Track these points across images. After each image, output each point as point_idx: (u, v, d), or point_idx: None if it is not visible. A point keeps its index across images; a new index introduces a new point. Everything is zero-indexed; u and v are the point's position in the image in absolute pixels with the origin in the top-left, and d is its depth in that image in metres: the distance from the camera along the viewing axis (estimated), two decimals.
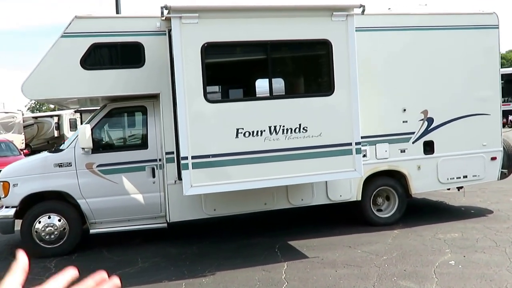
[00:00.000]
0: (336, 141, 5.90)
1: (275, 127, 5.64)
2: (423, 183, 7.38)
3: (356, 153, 5.97)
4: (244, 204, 6.60)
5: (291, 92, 5.98)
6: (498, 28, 7.38)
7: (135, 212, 6.47)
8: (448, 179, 7.46)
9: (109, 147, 6.59)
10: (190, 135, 5.36)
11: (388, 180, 7.35)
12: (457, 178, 7.51)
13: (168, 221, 6.41)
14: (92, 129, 6.36)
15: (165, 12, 5.21)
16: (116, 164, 6.40)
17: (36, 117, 26.91)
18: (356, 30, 6.68)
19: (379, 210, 7.44)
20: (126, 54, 6.11)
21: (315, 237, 6.66)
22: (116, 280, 0.85)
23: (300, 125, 5.73)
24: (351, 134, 5.93)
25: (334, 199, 7.00)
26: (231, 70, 6.15)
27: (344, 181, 6.91)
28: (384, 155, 7.13)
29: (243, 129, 5.53)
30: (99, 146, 6.47)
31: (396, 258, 5.55)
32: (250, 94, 5.84)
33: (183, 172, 5.39)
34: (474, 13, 7.40)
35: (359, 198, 7.10)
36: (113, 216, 6.44)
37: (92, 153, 6.31)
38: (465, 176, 7.54)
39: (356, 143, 5.97)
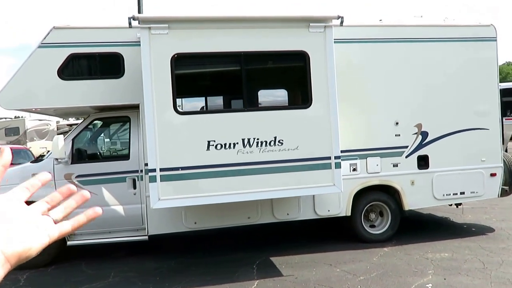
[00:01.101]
0: (314, 155, 5.67)
1: (248, 139, 5.47)
2: (417, 199, 7.03)
3: (335, 168, 5.72)
4: (226, 217, 6.43)
5: (266, 104, 5.81)
6: (496, 40, 7.03)
7: (116, 224, 6.39)
8: (444, 195, 7.08)
9: (90, 158, 6.55)
10: (158, 147, 5.26)
11: (380, 195, 7.04)
12: (453, 194, 7.13)
13: (147, 233, 6.31)
14: (73, 139, 6.38)
15: (133, 22, 5.14)
16: (96, 175, 6.35)
17: (70, 125, 27.53)
18: (346, 42, 6.56)
19: (372, 226, 7.13)
20: (105, 65, 6.08)
21: (300, 253, 6.42)
22: (86, 193, 0.84)
23: (275, 138, 5.54)
24: (330, 147, 5.68)
25: (322, 214, 6.73)
26: (203, 82, 6.03)
27: (332, 195, 6.65)
28: (375, 169, 6.83)
29: (214, 141, 5.39)
30: (80, 157, 6.45)
31: (372, 279, 5.25)
32: (223, 106, 5.70)
33: (151, 185, 5.28)
34: (471, 25, 7.07)
35: (349, 214, 6.82)
36: (92, 227, 6.37)
37: (72, 163, 6.30)
38: (462, 193, 7.14)
39: (336, 157, 5.72)
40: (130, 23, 5.14)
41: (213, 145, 5.39)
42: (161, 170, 5.30)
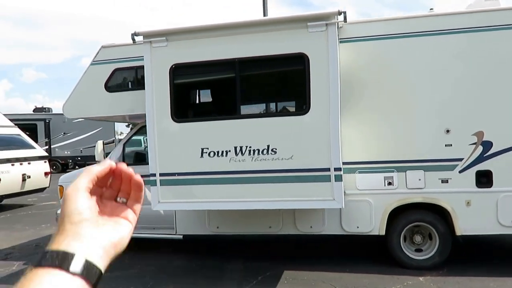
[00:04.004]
0: (310, 166, 5.25)
1: (241, 147, 5.39)
2: (475, 224, 5.80)
3: (335, 180, 5.19)
4: (247, 225, 6.41)
5: (259, 111, 5.62)
6: None
7: (156, 221, 6.98)
8: None
9: (137, 161, 7.29)
10: (158, 153, 5.61)
11: (425, 215, 6.04)
12: None
13: (175, 233, 6.73)
14: (124, 144, 7.22)
15: (137, 38, 5.60)
16: (142, 177, 7.04)
17: None
18: (380, 38, 5.92)
19: (419, 250, 6.16)
20: (142, 77, 6.71)
21: (317, 270, 6.01)
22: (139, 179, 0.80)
23: (268, 146, 5.33)
24: (329, 158, 5.19)
25: (350, 230, 6.13)
26: (200, 90, 6.11)
27: (362, 211, 6.02)
28: (417, 185, 5.90)
29: (208, 148, 5.48)
30: (130, 159, 7.24)
31: None
32: (218, 114, 5.73)
33: (152, 188, 5.66)
34: None
35: (383, 233, 6.05)
36: (140, 223, 7.11)
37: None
38: None
39: (336, 169, 5.19)
40: (133, 39, 5.61)
41: (206, 152, 5.49)
42: (160, 175, 5.65)
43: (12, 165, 10.89)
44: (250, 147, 5.37)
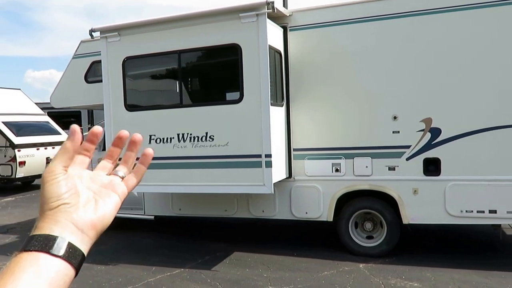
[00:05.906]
0: (243, 152, 5.47)
1: (183, 134, 5.72)
2: (423, 213, 5.74)
3: (265, 167, 5.37)
4: (205, 207, 6.75)
5: (199, 100, 5.87)
6: None
7: (132, 203, 7.52)
8: (462, 211, 5.56)
9: None
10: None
11: (373, 203, 6.04)
12: (478, 212, 5.51)
13: (144, 213, 7.22)
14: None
15: (94, 34, 6.06)
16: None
17: None
18: (330, 25, 5.97)
19: (370, 237, 6.19)
20: None
21: (269, 253, 6.20)
22: (138, 137, 0.81)
23: (206, 133, 5.61)
24: (261, 145, 5.37)
25: (299, 216, 6.28)
26: (148, 81, 6.43)
27: (310, 197, 6.15)
28: (364, 172, 5.92)
29: (155, 135, 5.86)
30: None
31: None
32: (164, 103, 6.06)
33: None
34: None
35: (331, 219, 6.14)
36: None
37: (102, 150, 7.72)
38: (493, 211, 5.44)
39: (266, 155, 5.37)
40: (91, 35, 6.08)
41: (153, 139, 5.88)
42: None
43: (37, 149, 11.97)
44: (191, 134, 5.68)
